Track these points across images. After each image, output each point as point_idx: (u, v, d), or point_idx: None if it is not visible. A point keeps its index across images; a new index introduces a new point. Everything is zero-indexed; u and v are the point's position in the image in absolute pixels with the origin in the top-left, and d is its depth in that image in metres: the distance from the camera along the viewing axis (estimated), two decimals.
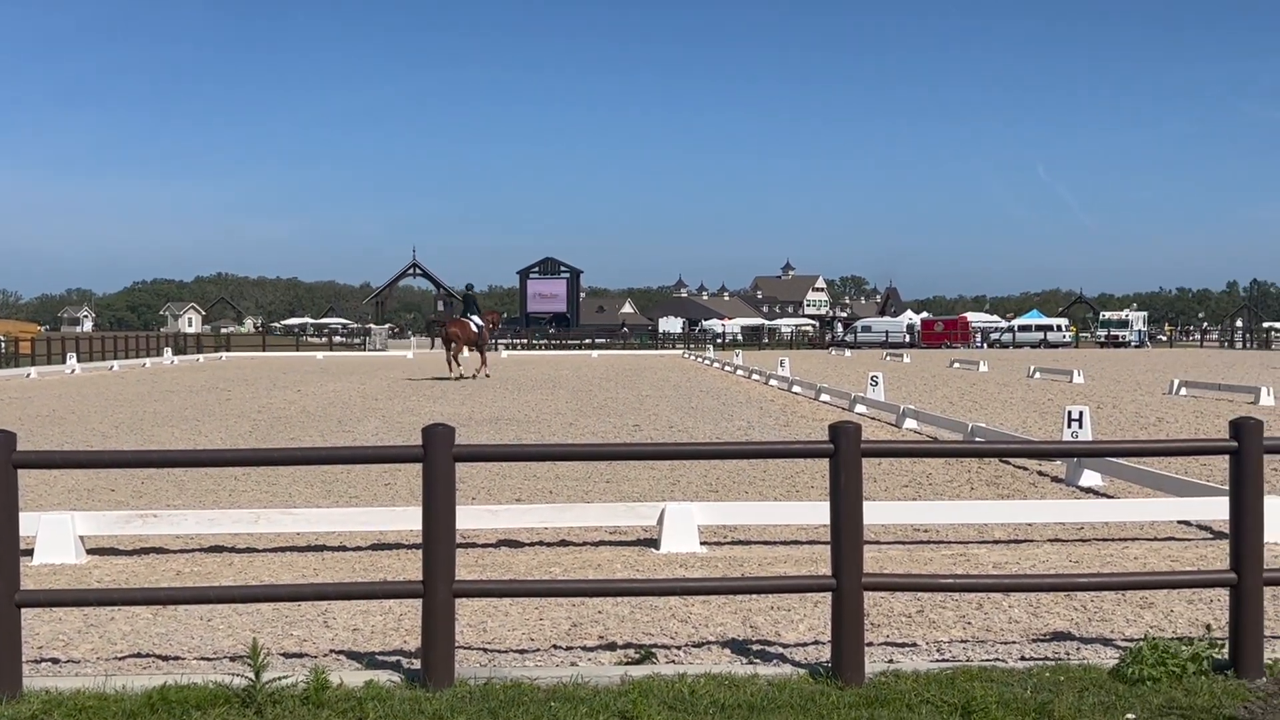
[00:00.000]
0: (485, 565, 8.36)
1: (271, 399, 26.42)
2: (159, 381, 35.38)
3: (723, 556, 8.66)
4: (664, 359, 61.73)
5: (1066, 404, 16.72)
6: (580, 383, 33.76)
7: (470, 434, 17.69)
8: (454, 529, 5.29)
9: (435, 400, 25.73)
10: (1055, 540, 9.21)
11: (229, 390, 30.24)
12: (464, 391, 29.00)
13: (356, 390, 30.20)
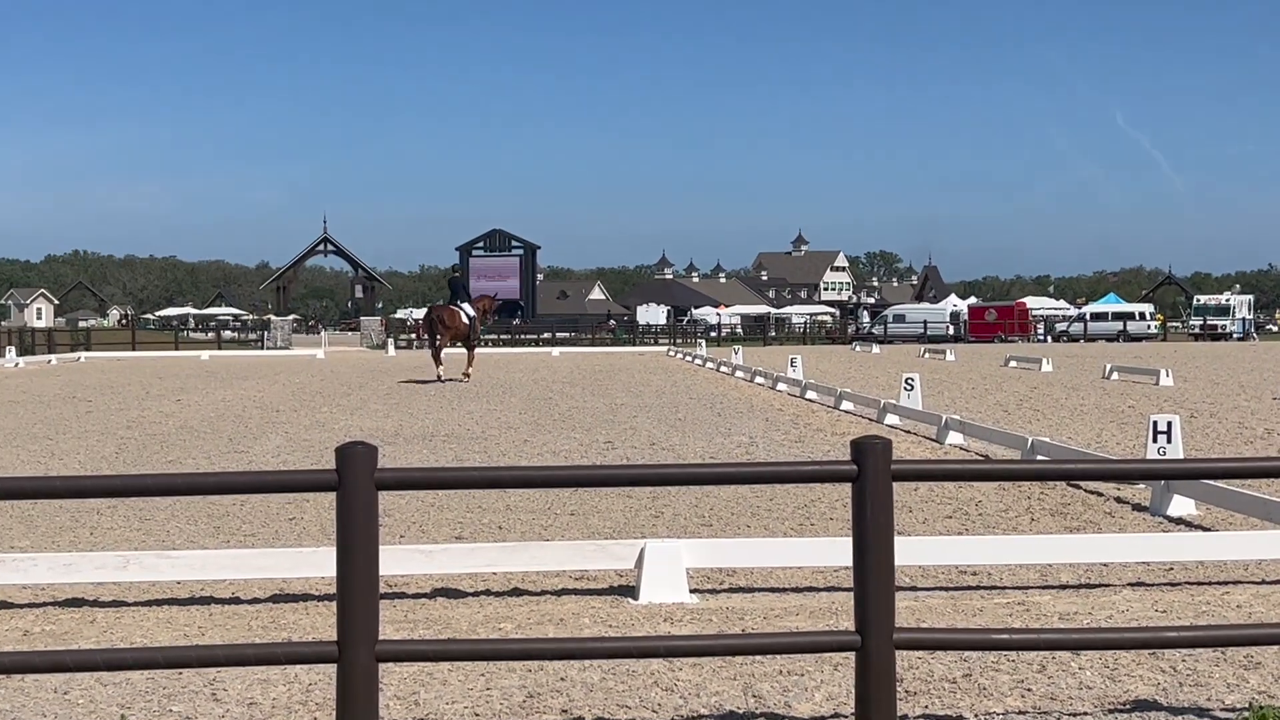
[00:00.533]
0: (417, 621, 8.36)
1: (144, 411, 26.34)
2: (0, 390, 35.23)
3: (718, 608, 8.68)
4: (644, 357, 61.83)
5: (1151, 412, 16.81)
6: (538, 388, 33.78)
7: (398, 454, 17.69)
8: (377, 575, 5.28)
9: (353, 411, 25.72)
10: (1137, 584, 9.27)
11: (90, 400, 30.14)
12: (390, 401, 28.99)
13: (253, 399, 30.13)
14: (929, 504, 12.92)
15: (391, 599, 8.94)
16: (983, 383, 34.90)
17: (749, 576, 9.57)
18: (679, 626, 8.21)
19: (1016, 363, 46.08)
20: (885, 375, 39.03)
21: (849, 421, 22.54)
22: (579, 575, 9.53)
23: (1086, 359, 51.66)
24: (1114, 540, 9.85)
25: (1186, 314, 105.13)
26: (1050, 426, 20.72)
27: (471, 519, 12.22)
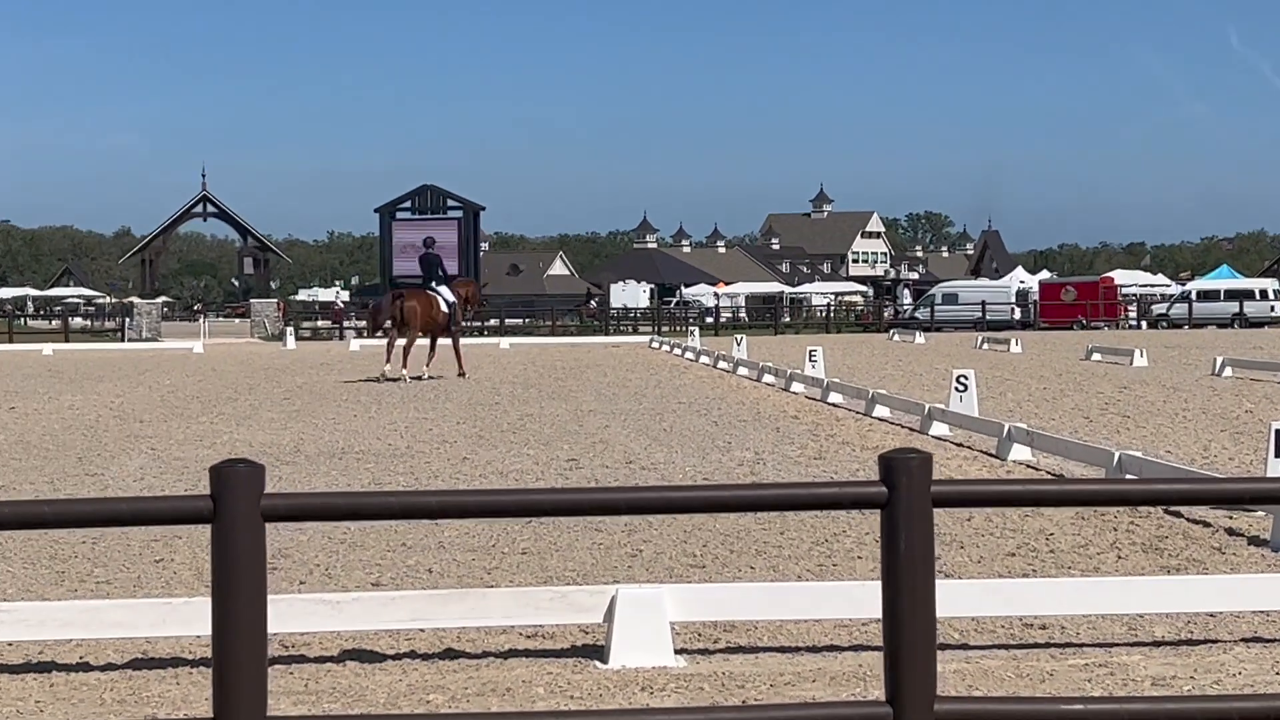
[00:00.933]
0: (321, 692, 8.37)
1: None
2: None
3: (711, 672, 8.70)
4: (619, 350, 61.96)
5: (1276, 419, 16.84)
6: (481, 390, 33.83)
7: (298, 476, 17.70)
8: (264, 632, 5.30)
9: (241, 422, 25.73)
10: (1253, 640, 9.32)
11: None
12: (288, 408, 29.02)
13: (110, 406, 30.10)
14: (986, 538, 12.98)
15: (288, 663, 8.96)
16: (1057, 381, 35.04)
17: (751, 633, 9.59)
18: (660, 697, 8.23)
19: (1101, 355, 46.28)
20: (932, 372, 39.15)
21: (884, 432, 22.61)
22: (532, 632, 9.55)
23: (1192, 350, 51.90)
24: (1223, 583, 9.90)
25: None
26: (1144, 438, 20.82)
27: (394, 560, 12.23)
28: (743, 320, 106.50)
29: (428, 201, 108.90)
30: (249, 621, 5.29)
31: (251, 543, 5.28)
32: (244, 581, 5.27)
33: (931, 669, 5.42)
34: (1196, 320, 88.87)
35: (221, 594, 5.29)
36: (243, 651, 5.29)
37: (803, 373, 33.19)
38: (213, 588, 5.29)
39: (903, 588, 5.40)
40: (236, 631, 5.28)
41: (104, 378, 41.94)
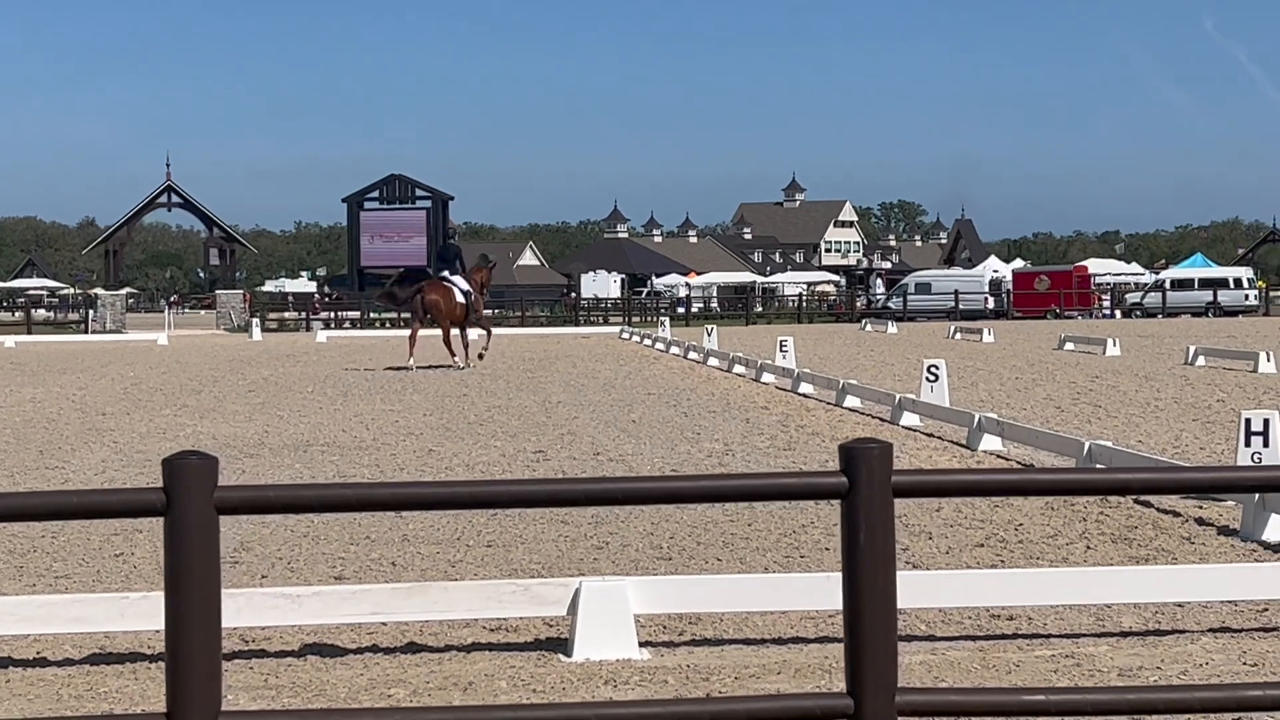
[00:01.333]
0: (281, 687, 8.36)
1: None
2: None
3: (676, 665, 8.71)
4: (589, 340, 61.97)
5: (1246, 408, 16.92)
6: (449, 382, 33.78)
7: (262, 470, 17.68)
8: (218, 625, 5.27)
9: (205, 414, 25.67)
10: (1221, 630, 9.36)
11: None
12: (253, 401, 28.96)
13: (72, 399, 30.01)
14: (955, 529, 13.02)
15: (249, 658, 8.95)
16: (1030, 371, 35.13)
17: (717, 625, 9.61)
18: (624, 690, 8.24)
19: (1074, 345, 46.41)
20: (904, 362, 39.22)
21: (855, 422, 22.65)
22: (495, 625, 9.55)
23: (1165, 339, 52.08)
24: (1191, 573, 9.93)
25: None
26: (1115, 428, 20.88)
27: (357, 554, 12.22)
28: (714, 310, 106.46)
29: (396, 191, 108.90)
30: (202, 615, 5.26)
31: (205, 535, 5.25)
32: (197, 575, 5.24)
33: (892, 660, 5.42)
34: (1170, 309, 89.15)
35: (175, 587, 5.26)
36: (196, 646, 5.26)
37: (773, 363, 33.20)
38: (165, 581, 5.26)
39: (863, 578, 5.40)
40: (190, 625, 5.25)
41: (66, 370, 41.79)
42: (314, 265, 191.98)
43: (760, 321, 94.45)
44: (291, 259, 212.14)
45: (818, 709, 5.57)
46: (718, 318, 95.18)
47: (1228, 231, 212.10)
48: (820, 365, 36.31)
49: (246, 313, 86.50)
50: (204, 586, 5.26)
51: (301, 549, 12.47)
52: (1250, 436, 13.43)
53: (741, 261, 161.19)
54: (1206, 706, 5.66)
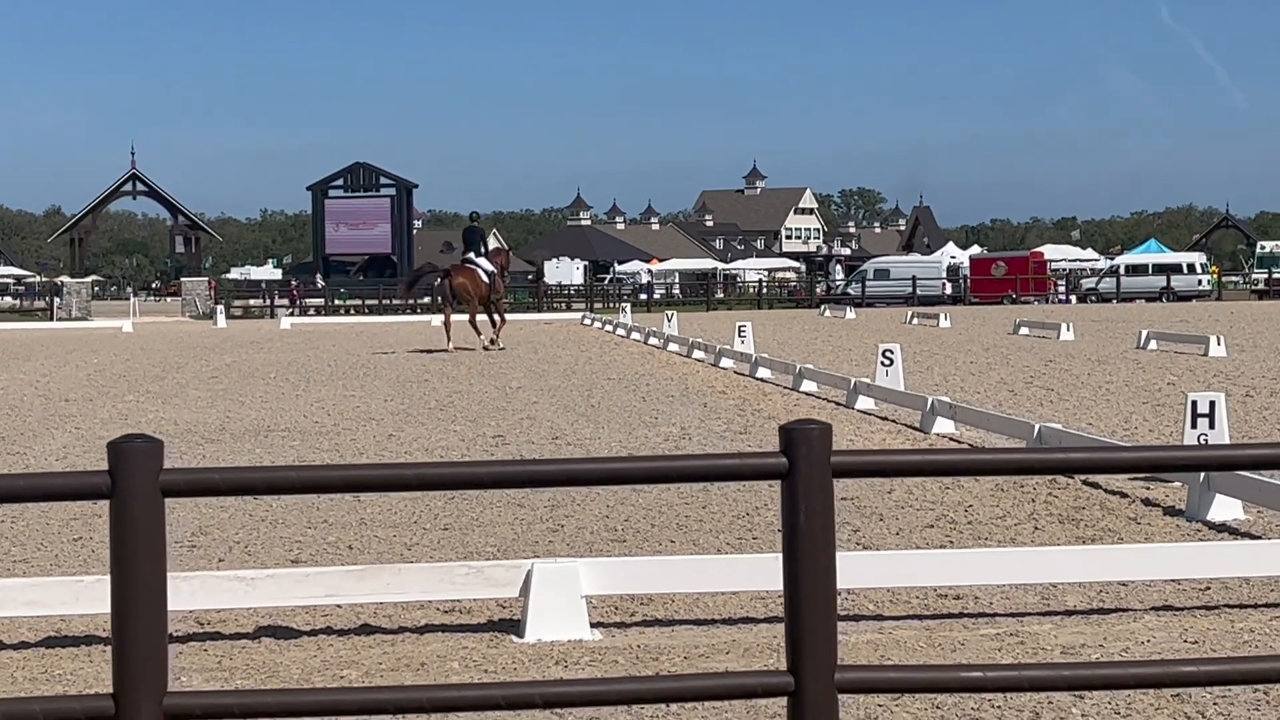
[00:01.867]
0: (235, 669, 8.35)
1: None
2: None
3: (627, 645, 8.73)
4: (551, 327, 61.95)
5: (1195, 390, 16.99)
6: (411, 368, 33.75)
7: (222, 454, 17.64)
8: (164, 608, 5.26)
9: (167, 400, 25.59)
10: (1164, 609, 9.42)
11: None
12: (216, 387, 28.88)
13: (36, 386, 29.92)
14: (906, 510, 13.06)
15: (203, 640, 8.95)
16: (985, 355, 35.24)
17: (668, 605, 9.63)
18: (574, 669, 8.26)
19: (1029, 329, 46.56)
20: (861, 347, 39.29)
21: (811, 406, 22.70)
22: (449, 607, 9.56)
23: (1119, 324, 52.28)
24: (1136, 553, 9.99)
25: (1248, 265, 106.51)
26: (1066, 410, 20.97)
27: (314, 537, 12.21)
28: (676, 297, 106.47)
29: (360, 179, 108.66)
30: (148, 597, 5.24)
31: (150, 518, 5.23)
32: (142, 557, 5.22)
33: (832, 638, 5.43)
34: (1125, 294, 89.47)
35: (120, 570, 5.24)
36: (142, 628, 5.24)
37: (732, 348, 33.23)
38: (111, 564, 5.24)
39: (803, 558, 5.40)
40: (135, 607, 5.23)
41: (31, 357, 41.61)
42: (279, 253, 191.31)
43: (721, 307, 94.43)
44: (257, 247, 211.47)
45: (759, 687, 5.58)
46: (679, 304, 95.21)
47: (1182, 218, 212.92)
48: (778, 350, 36.36)
49: (211, 300, 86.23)
50: (149, 569, 5.24)
51: (259, 533, 12.45)
52: (1196, 418, 13.49)
53: (703, 248, 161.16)
54: (1141, 683, 5.68)
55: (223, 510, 13.26)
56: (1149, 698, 7.41)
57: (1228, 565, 9.79)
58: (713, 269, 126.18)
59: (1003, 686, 5.66)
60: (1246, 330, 45.27)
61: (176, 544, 11.85)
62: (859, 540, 11.75)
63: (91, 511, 12.97)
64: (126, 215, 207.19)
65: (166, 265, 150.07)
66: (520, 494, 13.59)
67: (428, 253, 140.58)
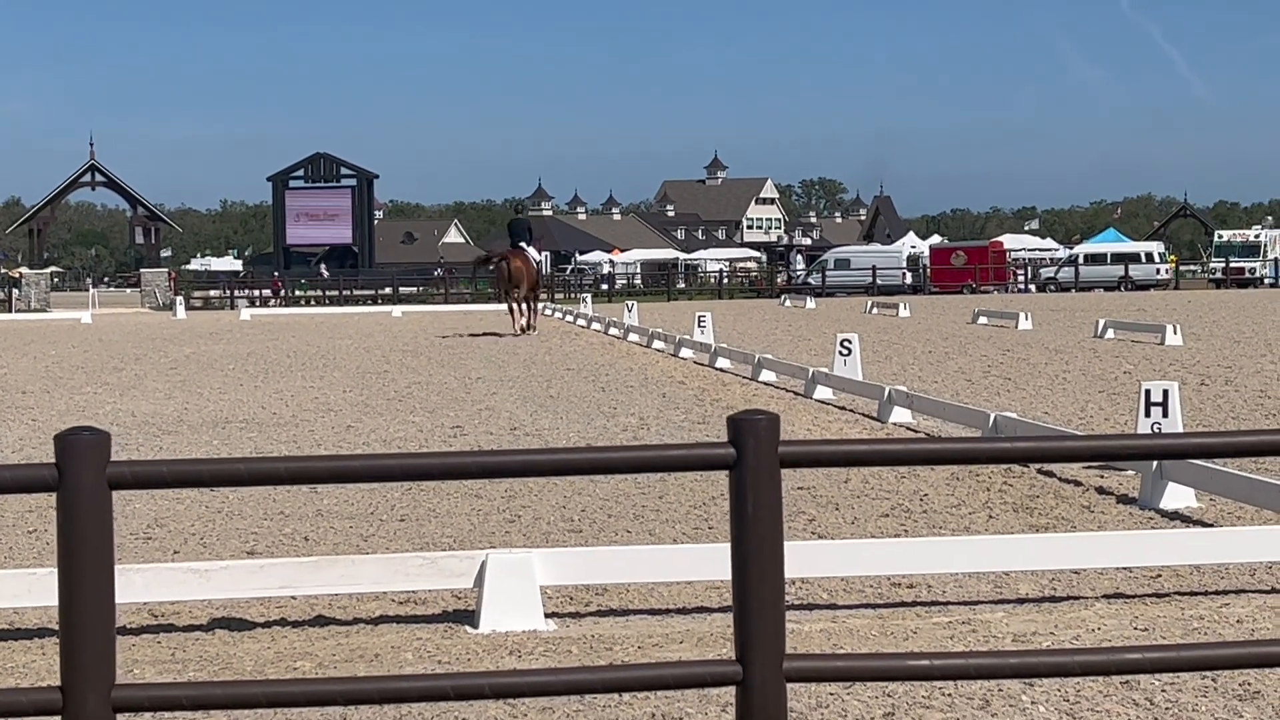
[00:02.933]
0: (188, 660, 8.33)
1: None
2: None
3: (581, 635, 8.74)
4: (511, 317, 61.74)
5: (1150, 379, 17.05)
6: (370, 359, 33.70)
7: (180, 445, 17.59)
8: (111, 600, 5.25)
9: (125, 391, 25.50)
10: (1115, 596, 9.47)
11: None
12: (174, 378, 28.79)
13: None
14: (862, 499, 13.09)
15: (157, 633, 8.93)
16: (943, 345, 35.34)
17: (623, 595, 9.65)
18: (528, 660, 8.26)
19: (987, 319, 46.68)
20: (821, 336, 39.34)
21: (769, 396, 22.73)
22: (404, 598, 9.56)
23: (1077, 313, 52.46)
24: (1088, 541, 10.05)
25: (1206, 254, 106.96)
26: (1023, 399, 21.05)
27: (270, 529, 12.19)
28: (638, 287, 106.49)
29: (321, 170, 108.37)
30: (95, 590, 5.23)
31: (97, 511, 5.21)
32: (89, 549, 5.21)
33: (780, 628, 5.44)
34: (1084, 283, 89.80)
35: (67, 563, 5.23)
36: (89, 621, 5.23)
37: (692, 339, 33.26)
38: (58, 557, 5.23)
39: (751, 548, 5.42)
40: (83, 600, 5.22)
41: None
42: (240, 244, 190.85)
43: (682, 298, 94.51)
44: (217, 237, 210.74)
45: (707, 676, 5.59)
46: (641, 294, 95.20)
47: (1141, 207, 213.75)
48: (738, 340, 36.42)
49: (171, 291, 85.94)
50: (96, 561, 5.23)
51: (215, 525, 12.41)
52: (1150, 407, 13.56)
53: (664, 238, 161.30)
54: (1088, 670, 5.72)
55: (178, 502, 13.23)
56: (1098, 684, 7.46)
57: (1179, 553, 9.84)
58: (674, 259, 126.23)
59: (950, 675, 5.69)
60: (1203, 319, 45.50)
61: (132, 535, 11.87)
62: (814, 529, 11.77)
63: (47, 504, 12.90)
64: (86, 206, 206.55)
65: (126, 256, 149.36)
66: (477, 485, 13.60)
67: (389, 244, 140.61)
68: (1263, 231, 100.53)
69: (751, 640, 5.47)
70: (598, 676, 5.85)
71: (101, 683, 5.28)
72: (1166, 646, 7.16)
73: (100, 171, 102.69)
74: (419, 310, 72.63)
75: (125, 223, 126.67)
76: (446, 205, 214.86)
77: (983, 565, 9.70)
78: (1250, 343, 33.20)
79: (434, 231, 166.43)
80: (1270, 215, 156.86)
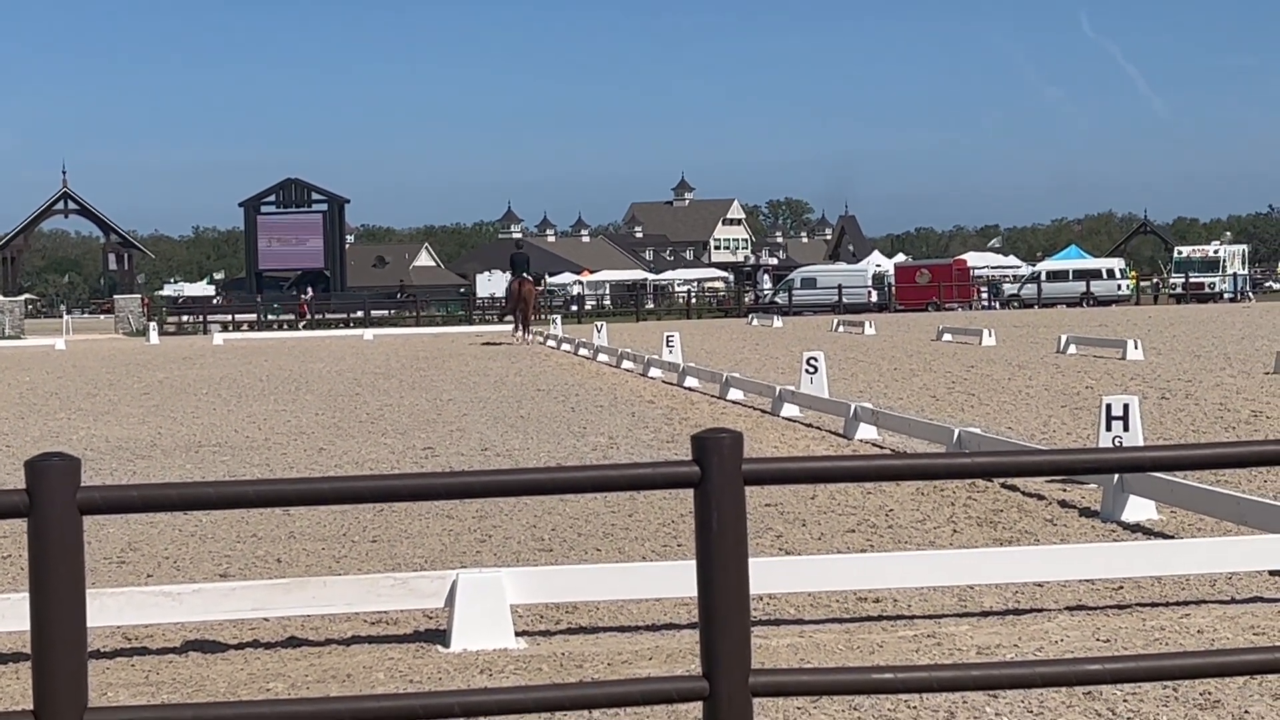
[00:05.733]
0: (161, 683, 8.30)
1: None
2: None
3: (551, 653, 8.74)
4: (483, 339, 61.73)
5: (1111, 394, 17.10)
6: (342, 382, 33.63)
7: (153, 470, 17.54)
8: (83, 624, 5.23)
9: (99, 417, 25.40)
10: (1077, 608, 9.50)
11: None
12: (147, 403, 28.69)
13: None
14: (828, 515, 13.11)
15: (130, 656, 8.90)
16: (908, 362, 35.39)
17: (593, 613, 9.65)
18: (498, 678, 8.26)
19: (951, 336, 46.75)
20: (788, 355, 39.35)
21: (737, 414, 22.74)
22: (376, 619, 9.54)
23: (1039, 329, 52.59)
24: (1050, 554, 10.08)
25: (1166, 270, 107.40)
26: (987, 415, 21.10)
27: (243, 551, 12.16)
28: (607, 308, 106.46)
29: (292, 195, 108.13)
30: (67, 614, 5.22)
31: (68, 536, 5.21)
32: (61, 574, 5.19)
33: (746, 642, 5.45)
34: (1046, 300, 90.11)
35: (39, 587, 5.22)
36: (61, 644, 5.22)
37: (660, 358, 33.27)
38: (30, 582, 5.22)
39: (715, 564, 5.43)
40: (54, 624, 5.20)
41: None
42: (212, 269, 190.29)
43: (651, 318, 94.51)
44: (190, 263, 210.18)
45: (674, 692, 5.60)
46: (610, 314, 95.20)
47: (1102, 224, 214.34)
48: (706, 359, 36.43)
49: (144, 316, 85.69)
50: (68, 585, 5.21)
51: (188, 548, 12.38)
52: (1111, 420, 13.60)
53: (633, 260, 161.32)
54: (1050, 681, 5.74)
55: (152, 526, 13.19)
56: (1061, 695, 7.48)
57: (1140, 565, 9.90)
58: (643, 279, 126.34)
59: (915, 687, 5.71)
60: (1163, 334, 45.66)
61: (105, 559, 11.83)
62: (781, 545, 11.79)
63: (19, 529, 12.78)
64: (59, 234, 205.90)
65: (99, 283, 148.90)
66: (448, 505, 13.59)
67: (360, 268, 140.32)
68: (1221, 247, 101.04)
69: (718, 656, 5.48)
70: (567, 694, 5.85)
71: (74, 706, 5.26)
72: (1128, 657, 7.19)
73: (73, 199, 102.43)
74: (391, 333, 72.48)
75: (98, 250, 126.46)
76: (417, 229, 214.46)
77: (947, 579, 9.73)
78: (1210, 357, 33.32)
79: (405, 255, 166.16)
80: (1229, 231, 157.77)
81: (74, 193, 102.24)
